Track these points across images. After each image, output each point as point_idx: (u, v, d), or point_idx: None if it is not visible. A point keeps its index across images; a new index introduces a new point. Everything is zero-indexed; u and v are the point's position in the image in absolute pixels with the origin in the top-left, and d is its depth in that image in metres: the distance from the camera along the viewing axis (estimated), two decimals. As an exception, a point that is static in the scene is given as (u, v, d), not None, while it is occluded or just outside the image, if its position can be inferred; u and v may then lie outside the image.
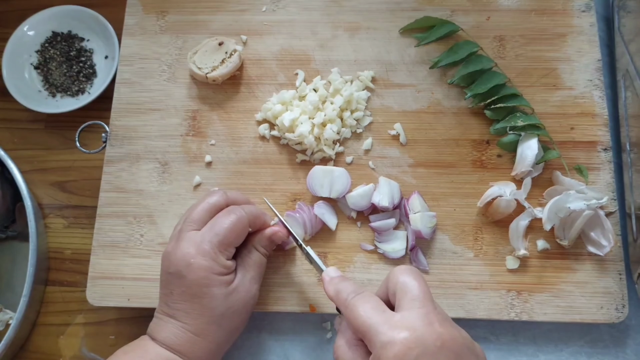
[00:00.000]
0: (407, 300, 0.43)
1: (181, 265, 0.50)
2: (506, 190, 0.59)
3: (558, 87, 0.64)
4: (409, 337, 0.40)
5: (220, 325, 0.51)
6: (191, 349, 0.50)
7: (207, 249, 0.50)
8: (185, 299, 0.50)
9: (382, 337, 0.41)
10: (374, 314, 0.43)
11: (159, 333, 0.51)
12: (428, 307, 0.43)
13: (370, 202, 0.59)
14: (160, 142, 0.65)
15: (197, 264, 0.50)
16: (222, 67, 0.65)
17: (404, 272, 0.45)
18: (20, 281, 0.61)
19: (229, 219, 0.52)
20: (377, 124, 0.64)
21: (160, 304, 0.52)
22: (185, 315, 0.50)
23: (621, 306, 0.57)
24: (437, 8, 0.68)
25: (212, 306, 0.50)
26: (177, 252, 0.51)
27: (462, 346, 0.42)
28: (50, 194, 0.69)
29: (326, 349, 0.60)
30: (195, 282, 0.50)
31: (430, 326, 0.41)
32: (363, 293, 0.46)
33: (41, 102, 0.70)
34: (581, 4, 0.67)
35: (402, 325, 0.41)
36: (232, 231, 0.52)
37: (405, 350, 0.40)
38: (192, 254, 0.50)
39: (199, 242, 0.51)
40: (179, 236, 0.52)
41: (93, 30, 0.73)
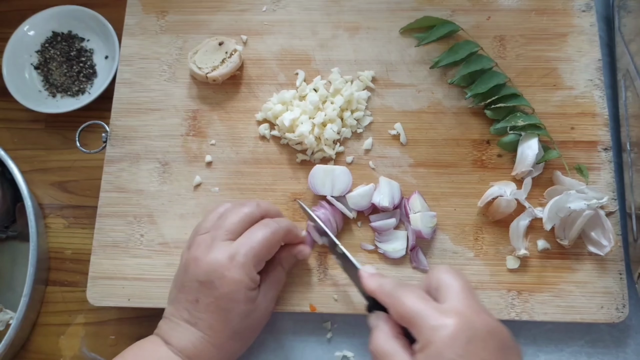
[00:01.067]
0: (453, 293, 0.44)
1: (214, 275, 0.49)
2: (506, 190, 0.59)
3: (558, 87, 0.64)
4: (459, 321, 0.41)
5: (238, 340, 0.51)
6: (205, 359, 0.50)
7: (242, 262, 0.50)
8: (212, 311, 0.49)
9: (433, 321, 0.42)
10: (422, 303, 0.43)
11: (174, 338, 0.50)
12: (473, 299, 0.44)
13: (371, 202, 0.59)
14: (160, 142, 0.65)
15: (231, 277, 0.49)
16: (222, 67, 0.65)
17: (447, 271, 0.46)
18: (20, 281, 0.61)
19: (264, 232, 0.52)
20: (377, 124, 0.64)
21: (178, 307, 0.51)
22: (209, 327, 0.50)
23: (621, 306, 0.57)
24: (437, 8, 0.68)
25: (235, 322, 0.50)
26: (209, 260, 0.50)
27: (508, 336, 0.43)
28: (51, 194, 0.69)
29: (326, 349, 0.60)
30: (226, 295, 0.49)
31: (478, 314, 0.42)
32: (407, 285, 0.47)
33: (41, 102, 0.70)
34: (581, 3, 0.67)
35: (452, 311, 0.42)
36: (266, 246, 0.51)
37: (457, 332, 0.41)
38: (226, 265, 0.49)
39: (234, 254, 0.50)
40: (212, 244, 0.51)
41: (93, 30, 0.73)
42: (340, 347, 0.60)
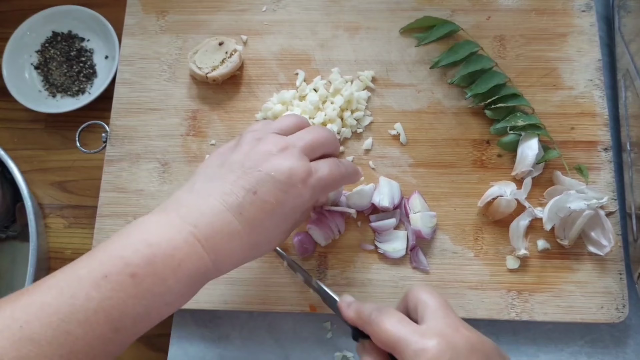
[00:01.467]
0: (430, 311, 0.44)
1: (290, 182, 0.45)
2: (506, 190, 0.59)
3: (558, 87, 0.64)
4: (440, 343, 0.41)
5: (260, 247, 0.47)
6: (227, 255, 0.44)
7: (314, 185, 0.47)
8: (264, 210, 0.45)
9: (414, 345, 0.41)
10: (401, 327, 0.43)
11: (204, 222, 0.43)
12: (451, 316, 0.44)
13: (371, 202, 0.59)
14: (160, 142, 0.65)
15: (303, 194, 0.46)
16: (222, 67, 0.65)
17: (422, 290, 0.46)
18: (20, 281, 0.61)
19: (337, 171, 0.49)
20: (377, 124, 0.64)
21: (217, 187, 0.45)
22: (249, 223, 0.44)
23: (621, 306, 0.57)
24: (437, 8, 0.68)
25: (274, 230, 0.46)
26: (288, 164, 0.45)
27: (491, 348, 0.43)
28: (51, 194, 0.69)
29: (326, 349, 0.60)
30: (287, 202, 0.45)
31: (457, 331, 0.42)
32: (385, 308, 0.46)
33: (41, 102, 0.70)
34: (581, 3, 0.67)
35: (431, 333, 0.42)
36: (336, 184, 0.50)
37: (439, 354, 0.40)
38: (304, 180, 0.46)
39: (309, 172, 0.46)
40: (290, 153, 0.46)
41: (93, 30, 0.73)
42: (340, 347, 0.60)
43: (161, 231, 0.42)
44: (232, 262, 0.45)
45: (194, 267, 0.42)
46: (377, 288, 0.58)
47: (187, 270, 0.41)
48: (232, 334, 0.61)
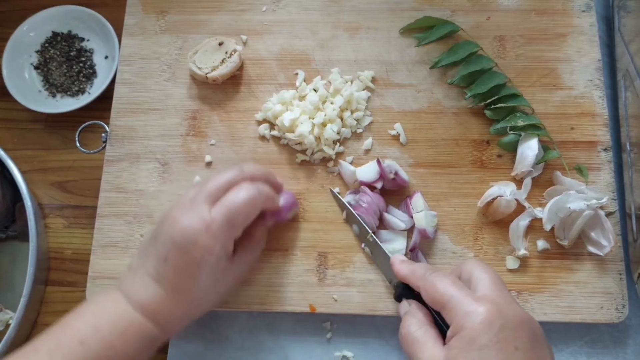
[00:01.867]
0: (485, 284, 0.45)
1: (187, 239, 0.48)
2: (506, 190, 0.59)
3: (558, 87, 0.64)
4: (492, 309, 0.42)
5: (201, 305, 0.51)
6: (164, 317, 0.49)
7: (215, 230, 0.49)
8: (179, 273, 0.48)
9: (466, 307, 0.43)
10: (455, 288, 0.45)
11: (136, 293, 0.49)
12: (504, 291, 0.45)
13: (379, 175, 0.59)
14: (160, 142, 0.65)
15: (203, 244, 0.48)
16: (222, 67, 0.65)
17: (478, 264, 0.48)
18: (20, 281, 0.61)
19: (242, 197, 0.50)
20: (377, 124, 0.64)
21: (145, 261, 0.50)
22: (173, 288, 0.49)
23: (621, 306, 0.57)
24: (437, 8, 0.68)
25: (201, 287, 0.50)
26: (184, 222, 0.49)
27: (539, 329, 0.44)
28: (50, 194, 0.69)
29: (326, 349, 0.60)
30: (196, 261, 0.48)
31: (510, 304, 0.44)
32: (440, 271, 0.48)
33: (41, 102, 0.71)
34: (581, 4, 0.67)
35: (485, 299, 0.43)
36: (243, 212, 0.50)
37: (490, 319, 0.42)
38: (200, 231, 0.48)
39: (209, 220, 0.49)
40: (191, 206, 0.50)
41: (93, 30, 0.73)
42: (340, 347, 0.60)
43: (106, 305, 0.48)
44: (176, 323, 0.50)
45: (139, 331, 0.47)
46: (377, 288, 0.58)
47: (133, 334, 0.47)
48: (232, 334, 0.61)
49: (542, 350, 0.43)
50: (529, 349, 0.42)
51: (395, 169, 0.59)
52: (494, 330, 0.41)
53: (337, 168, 0.62)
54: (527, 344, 0.42)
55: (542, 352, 0.43)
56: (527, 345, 0.42)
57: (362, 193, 0.59)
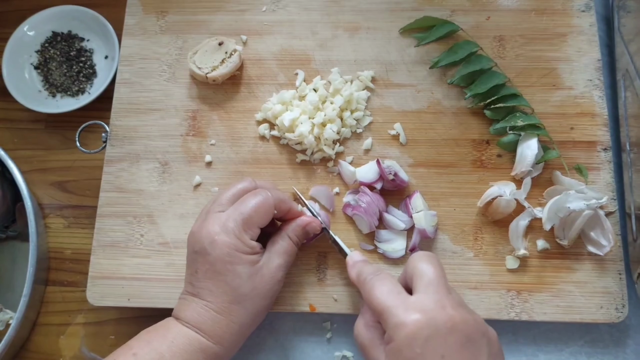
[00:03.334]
0: (423, 284, 0.45)
1: (205, 242, 0.51)
2: (506, 190, 0.59)
3: (558, 87, 0.64)
4: (420, 319, 0.42)
5: (243, 306, 0.51)
6: (213, 327, 0.50)
7: (231, 227, 0.51)
8: (209, 277, 0.50)
9: (395, 318, 0.43)
10: (390, 296, 0.45)
11: (182, 312, 0.51)
12: (441, 292, 0.45)
13: (378, 175, 0.59)
14: (160, 142, 0.65)
15: (221, 240, 0.50)
16: (222, 67, 0.65)
17: (421, 258, 0.48)
18: (20, 281, 0.61)
19: (254, 199, 0.53)
20: (377, 124, 0.64)
21: (185, 284, 0.53)
22: (209, 294, 0.50)
23: (621, 306, 0.57)
24: (437, 8, 0.68)
25: (235, 285, 0.50)
26: (202, 230, 0.51)
27: (474, 329, 0.43)
28: (50, 194, 0.69)
29: (326, 349, 0.60)
30: (219, 258, 0.50)
31: (442, 309, 0.43)
32: (381, 274, 0.49)
33: (41, 102, 0.71)
34: (581, 4, 0.67)
35: (415, 307, 0.43)
36: (256, 211, 0.52)
37: (416, 330, 0.42)
38: (216, 231, 0.51)
39: (224, 220, 0.51)
40: (206, 217, 0.53)
41: (93, 30, 0.73)
42: (340, 347, 0.60)
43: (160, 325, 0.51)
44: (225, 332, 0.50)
45: (188, 342, 0.49)
46: (376, 288, 0.58)
47: (181, 345, 0.49)
48: (232, 334, 0.61)
49: (477, 351, 0.43)
50: (458, 354, 0.42)
51: (395, 169, 0.59)
52: (418, 342, 0.42)
53: (336, 168, 0.62)
54: (456, 350, 0.42)
55: (476, 352, 0.43)
56: (457, 350, 0.42)
57: (362, 193, 0.59)
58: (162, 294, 0.59)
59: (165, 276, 0.60)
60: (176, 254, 0.61)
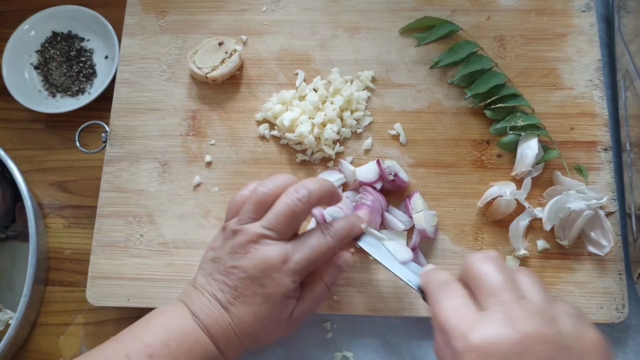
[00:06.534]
0: (483, 296, 0.39)
1: (263, 273, 0.47)
2: (506, 190, 0.59)
3: (558, 87, 0.64)
4: (482, 346, 0.36)
5: (258, 339, 0.49)
6: (227, 343, 0.48)
7: (293, 269, 0.47)
8: (248, 304, 0.47)
9: (458, 344, 0.37)
10: (454, 315, 0.39)
11: (203, 314, 0.48)
12: (507, 302, 0.37)
13: (378, 175, 0.59)
14: (160, 142, 0.65)
15: (279, 281, 0.47)
16: (222, 67, 0.65)
17: (475, 262, 0.41)
18: (20, 281, 0.61)
19: (319, 241, 0.48)
20: (377, 124, 0.64)
21: (212, 284, 0.49)
22: (237, 316, 0.48)
23: (621, 306, 0.57)
24: (437, 8, 0.68)
25: (265, 323, 0.48)
26: (261, 256, 0.47)
27: (554, 346, 0.35)
28: (50, 194, 0.69)
29: (326, 349, 0.60)
30: (268, 296, 0.47)
31: (511, 327, 0.36)
32: (449, 285, 0.42)
33: (41, 102, 0.70)
34: (581, 4, 0.67)
35: (478, 331, 0.36)
36: (319, 255, 0.48)
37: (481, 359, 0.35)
38: (277, 267, 0.47)
39: (287, 257, 0.47)
40: (258, 240, 0.48)
41: (93, 30, 0.73)
42: (340, 347, 0.60)
43: (175, 319, 0.48)
44: (233, 350, 0.49)
45: (203, 351, 0.47)
46: (377, 288, 0.58)
47: (198, 354, 0.47)
48: (231, 334, 0.61)
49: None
50: None
51: (395, 170, 0.59)
52: None
53: (337, 168, 0.62)
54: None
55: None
56: None
57: (365, 192, 0.59)
58: (161, 294, 0.59)
59: (165, 276, 0.60)
60: (176, 254, 0.61)
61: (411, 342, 0.60)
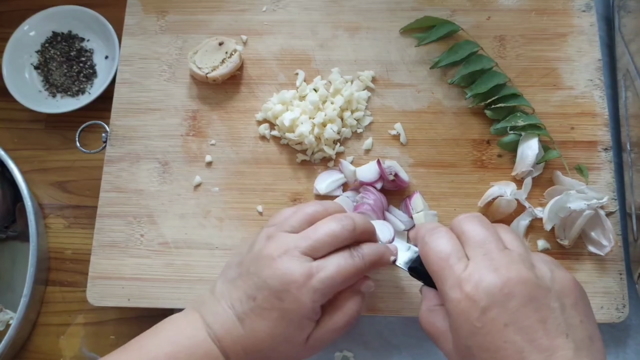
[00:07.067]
0: (470, 248, 0.42)
1: (284, 286, 0.45)
2: (507, 190, 0.59)
3: (558, 87, 0.64)
4: (471, 291, 0.39)
5: (268, 356, 0.47)
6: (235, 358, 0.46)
7: (315, 287, 0.45)
8: (264, 317, 0.45)
9: (448, 290, 0.41)
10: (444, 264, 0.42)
11: (216, 323, 0.46)
12: (493, 252, 0.41)
13: (378, 175, 0.59)
14: (160, 142, 0.65)
15: (300, 297, 0.44)
16: (222, 67, 0.65)
17: (463, 221, 0.44)
18: (20, 281, 0.61)
19: (347, 264, 0.46)
20: (377, 124, 0.64)
21: (231, 293, 0.47)
22: (251, 329, 0.45)
23: (621, 306, 0.57)
24: (437, 8, 0.68)
25: (277, 340, 0.46)
26: (285, 269, 0.45)
27: (535, 286, 0.39)
28: (51, 194, 0.69)
29: (326, 349, 0.60)
30: (285, 311, 0.45)
31: (495, 273, 0.40)
32: (438, 230, 0.45)
33: (41, 102, 0.70)
34: (581, 3, 0.67)
35: (466, 278, 0.40)
36: (345, 278, 0.46)
37: (471, 305, 0.39)
38: (300, 283, 0.44)
39: (311, 274, 0.45)
40: (291, 253, 0.46)
41: (93, 30, 0.73)
42: (340, 347, 0.60)
43: (185, 330, 0.46)
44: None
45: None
46: (377, 288, 0.58)
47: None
48: (232, 334, 0.61)
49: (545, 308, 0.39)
50: (522, 318, 0.38)
51: (395, 170, 0.59)
52: (475, 316, 0.39)
53: (337, 168, 0.62)
54: (520, 314, 0.38)
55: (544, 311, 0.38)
56: (521, 314, 0.38)
57: (367, 191, 0.59)
58: (162, 294, 0.59)
59: (165, 276, 0.60)
60: (176, 254, 0.61)
61: (411, 342, 0.60)
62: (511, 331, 0.38)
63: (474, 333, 0.39)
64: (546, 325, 0.38)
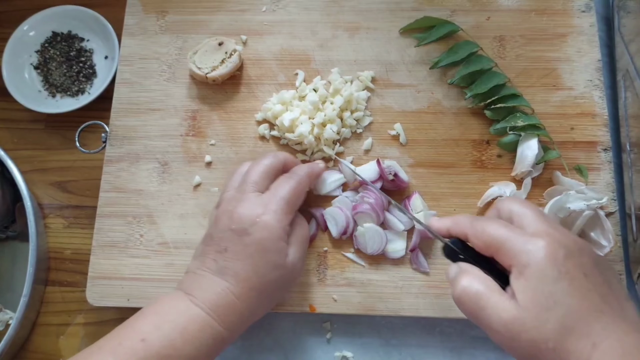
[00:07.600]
0: (529, 220, 0.44)
1: (247, 222, 0.50)
2: (506, 191, 0.59)
3: (558, 87, 0.64)
4: (551, 241, 0.41)
5: (260, 294, 0.49)
6: (227, 312, 0.48)
7: (274, 209, 0.50)
8: (240, 258, 0.49)
9: (524, 245, 0.42)
10: (506, 230, 0.43)
11: (197, 290, 0.48)
12: (551, 221, 0.44)
13: (378, 175, 0.59)
14: (160, 142, 0.65)
15: (265, 222, 0.50)
16: (222, 67, 0.65)
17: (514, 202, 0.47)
18: (20, 281, 0.61)
19: (290, 183, 0.53)
20: (377, 124, 0.64)
21: (204, 260, 0.50)
22: (233, 276, 0.48)
23: (621, 306, 0.57)
24: (437, 8, 0.68)
25: (262, 272, 0.49)
26: (241, 210, 0.50)
27: (596, 254, 0.43)
28: (50, 194, 0.69)
29: (326, 349, 0.60)
30: (258, 241, 0.49)
31: (563, 234, 0.43)
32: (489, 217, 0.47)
33: (41, 102, 0.71)
34: (581, 4, 0.67)
35: (539, 233, 0.42)
36: (295, 194, 0.53)
37: (554, 251, 0.41)
38: (258, 212, 0.50)
39: (266, 202, 0.51)
40: (241, 197, 0.52)
41: (93, 30, 0.73)
42: (340, 347, 0.60)
43: (167, 303, 0.48)
44: (238, 319, 0.48)
45: (200, 329, 0.46)
46: (377, 288, 0.58)
47: (194, 332, 0.46)
48: (231, 334, 0.61)
49: (608, 271, 0.42)
50: (597, 274, 0.41)
51: (395, 170, 0.59)
52: (559, 260, 0.40)
53: (337, 168, 0.62)
54: (593, 269, 0.41)
55: (609, 273, 0.42)
56: (594, 269, 0.41)
57: (367, 190, 0.59)
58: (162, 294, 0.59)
59: (165, 276, 0.60)
60: (176, 254, 0.61)
61: (411, 342, 0.60)
62: (591, 283, 0.40)
63: (559, 279, 0.40)
64: (611, 287, 0.41)
